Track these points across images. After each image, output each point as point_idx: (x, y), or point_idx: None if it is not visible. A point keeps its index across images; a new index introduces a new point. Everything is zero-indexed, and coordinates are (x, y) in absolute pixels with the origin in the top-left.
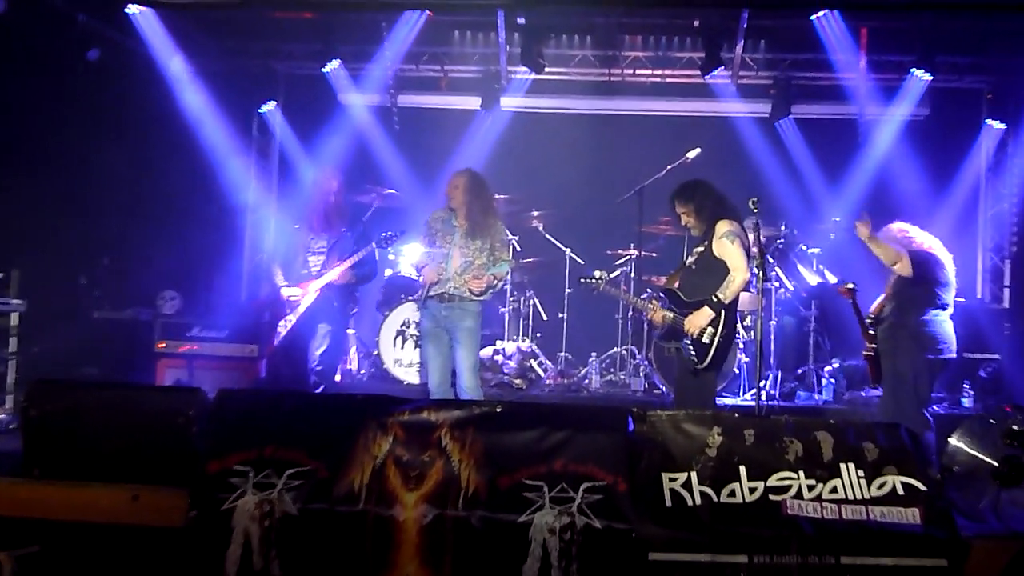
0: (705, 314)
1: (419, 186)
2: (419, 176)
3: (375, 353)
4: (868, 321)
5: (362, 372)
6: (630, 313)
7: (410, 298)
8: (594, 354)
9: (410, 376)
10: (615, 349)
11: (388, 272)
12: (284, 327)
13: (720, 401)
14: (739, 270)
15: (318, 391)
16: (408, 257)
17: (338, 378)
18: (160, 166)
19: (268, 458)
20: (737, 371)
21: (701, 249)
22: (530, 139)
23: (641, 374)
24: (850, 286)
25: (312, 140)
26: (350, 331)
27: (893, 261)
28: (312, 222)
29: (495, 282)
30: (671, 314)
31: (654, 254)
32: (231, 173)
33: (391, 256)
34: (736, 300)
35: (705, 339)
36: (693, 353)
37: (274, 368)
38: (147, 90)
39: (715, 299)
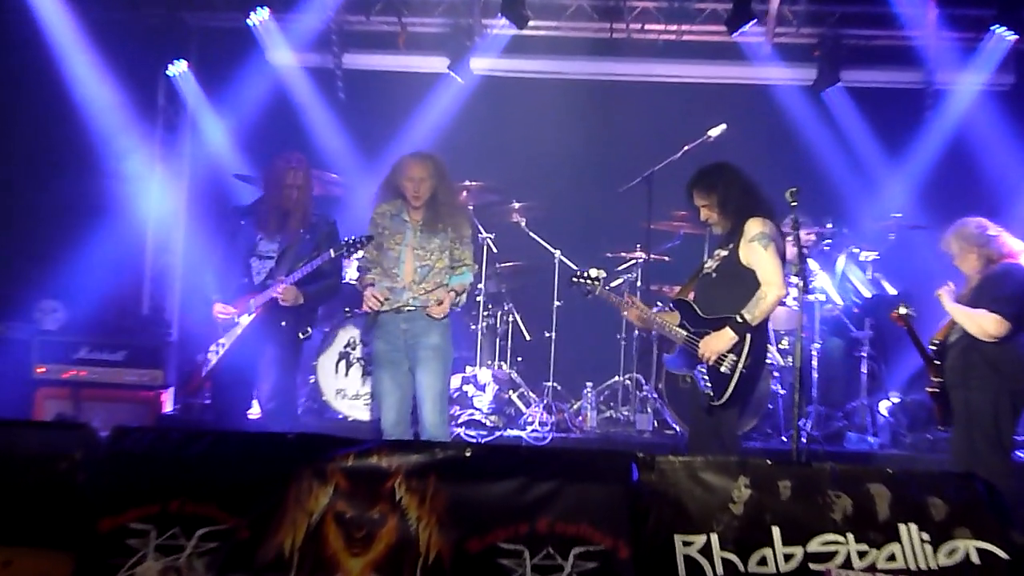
0: (725, 337)
1: (367, 170)
2: (368, 158)
3: (311, 381)
4: (932, 349)
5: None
6: (635, 332)
7: (355, 311)
8: (590, 384)
9: (356, 411)
10: (616, 378)
11: None
12: (215, 353)
13: (748, 444)
14: (772, 284)
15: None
16: (354, 261)
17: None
18: (37, 148)
19: (175, 514)
20: (771, 407)
21: (725, 253)
22: (510, 111)
23: (649, 410)
24: (903, 311)
25: (233, 110)
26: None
27: (987, 331)
28: (263, 219)
29: (457, 298)
30: (683, 332)
31: (666, 258)
32: (129, 154)
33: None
34: (767, 320)
35: (724, 368)
36: (708, 385)
37: (215, 403)
38: (17, 54)
39: (740, 319)
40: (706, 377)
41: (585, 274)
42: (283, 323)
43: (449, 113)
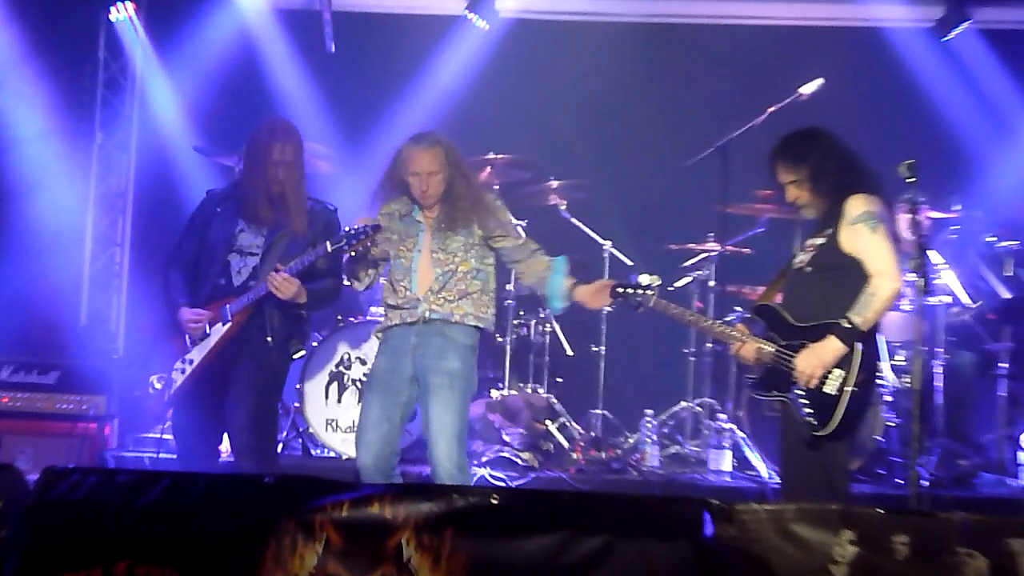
0: (829, 348)
1: (361, 140)
2: (361, 125)
3: (295, 407)
4: None
5: None
6: (707, 344)
7: (350, 319)
8: (650, 412)
9: (352, 447)
10: (684, 404)
11: None
12: (181, 372)
13: (854, 488)
14: (885, 275)
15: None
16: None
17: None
18: None
19: None
20: (882, 439)
21: (821, 241)
22: (544, 65)
23: (727, 444)
24: None
25: (191, 66)
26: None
27: None
28: (245, 206)
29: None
30: (771, 348)
31: (746, 250)
32: (62, 116)
33: None
34: (878, 326)
35: (829, 389)
36: (809, 412)
37: (177, 438)
38: None
39: (846, 324)
40: (805, 401)
41: (633, 284)
42: (268, 337)
43: (468, 68)
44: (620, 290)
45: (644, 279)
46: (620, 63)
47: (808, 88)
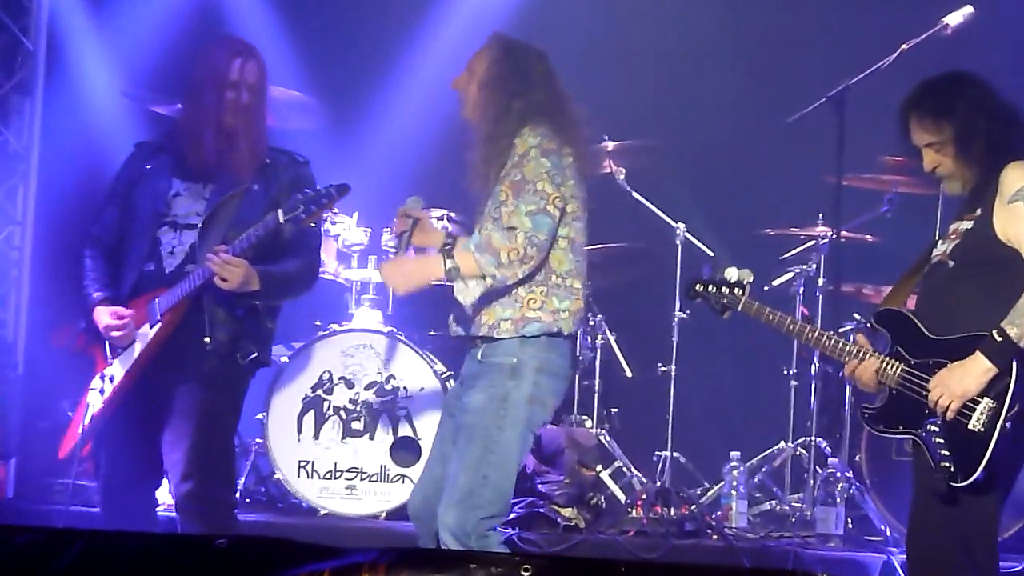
0: (974, 369)
1: (354, 92)
2: (356, 72)
3: (255, 444)
4: None
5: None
6: (814, 365)
7: (334, 326)
8: (735, 455)
9: (334, 499)
10: (782, 445)
11: None
12: (100, 394)
13: (1008, 566)
14: None
15: (185, 534)
16: (326, 240)
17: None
18: None
19: None
20: None
21: (968, 225)
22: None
23: (839, 499)
24: None
25: (120, 18)
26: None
27: None
28: (184, 157)
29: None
30: (898, 366)
31: (868, 237)
32: None
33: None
34: None
35: (974, 424)
36: (946, 453)
37: (101, 483)
38: None
39: (998, 337)
40: (941, 440)
41: (717, 282)
42: (206, 339)
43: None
44: (700, 288)
45: (732, 274)
46: None
47: (954, 18)
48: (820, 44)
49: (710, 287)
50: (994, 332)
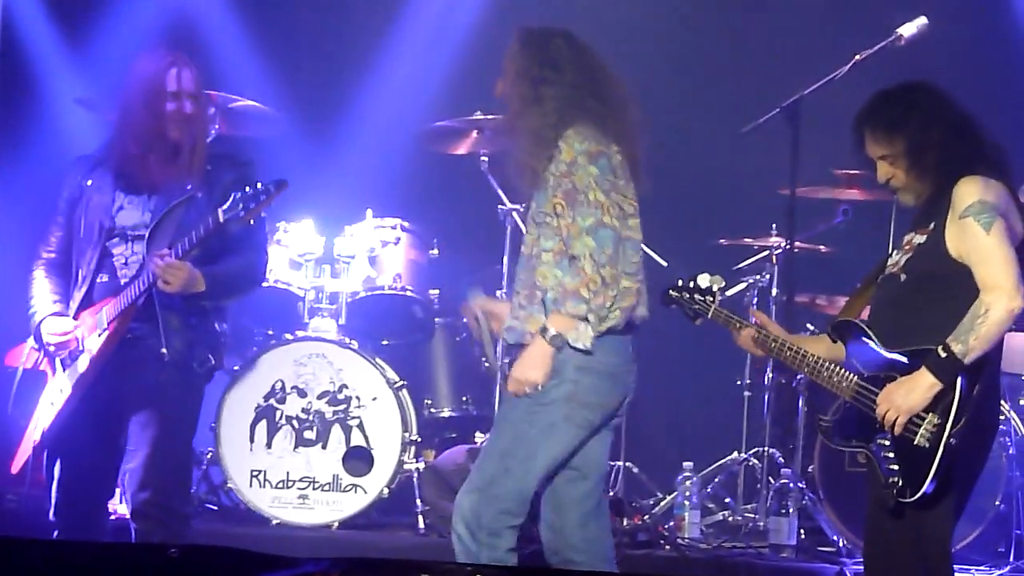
0: (919, 385)
1: (324, 102)
2: (324, 81)
3: (207, 453)
4: None
5: None
6: (767, 375)
7: (284, 335)
8: (688, 465)
9: (286, 508)
10: (735, 455)
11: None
12: (50, 405)
13: (962, 570)
14: (998, 290)
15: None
16: (279, 248)
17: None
18: None
19: None
20: (1001, 507)
21: (921, 239)
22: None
23: (792, 509)
24: None
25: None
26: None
27: None
28: (125, 169)
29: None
30: (852, 378)
31: (822, 247)
32: None
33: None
34: (997, 354)
35: (920, 440)
36: (894, 468)
37: (55, 494)
38: None
39: (943, 353)
40: (890, 455)
41: (689, 286)
42: (162, 349)
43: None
44: (674, 294)
45: (704, 280)
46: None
47: (908, 29)
48: (774, 54)
49: (684, 293)
50: (939, 348)
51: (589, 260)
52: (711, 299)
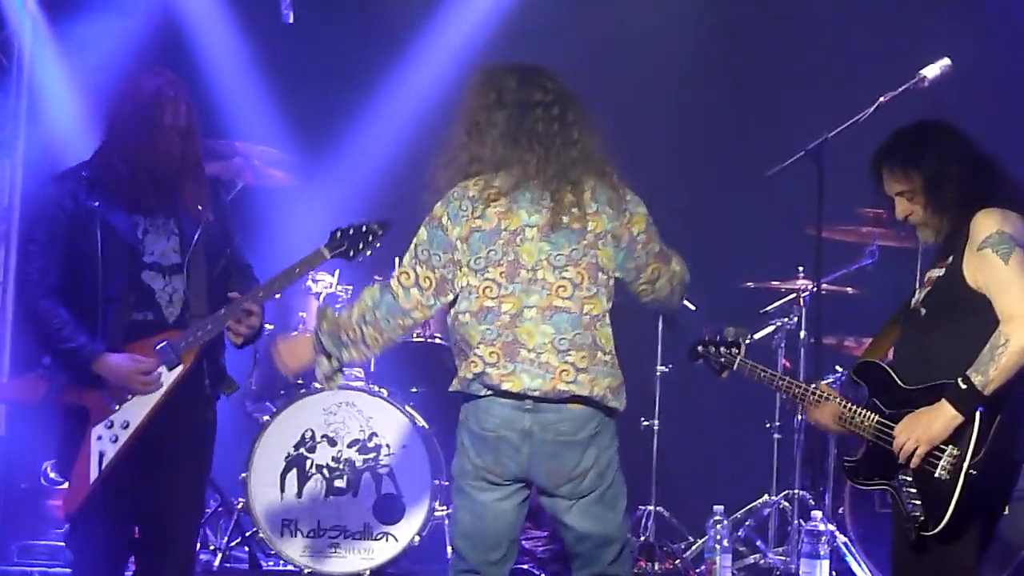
0: (937, 417)
1: (328, 144)
2: (328, 124)
3: (239, 507)
4: None
5: (212, 548)
6: (797, 417)
7: (314, 384)
8: (719, 508)
9: (320, 559)
10: (766, 497)
11: (269, 327)
12: (110, 442)
13: None
14: (1017, 319)
15: None
16: (308, 297)
17: None
18: None
19: None
20: None
21: (939, 273)
22: (566, 38)
23: (823, 551)
24: None
25: (95, 42)
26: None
27: None
28: (133, 185)
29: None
30: (873, 418)
31: (849, 289)
32: None
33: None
34: (1020, 385)
35: (940, 472)
36: (917, 503)
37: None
38: None
39: (962, 384)
40: (912, 490)
41: (717, 340)
42: (206, 381)
43: (463, 45)
44: (701, 349)
45: (730, 333)
46: (673, 32)
47: (931, 70)
48: (798, 97)
49: (711, 348)
50: (959, 380)
51: (358, 310)
52: (736, 351)
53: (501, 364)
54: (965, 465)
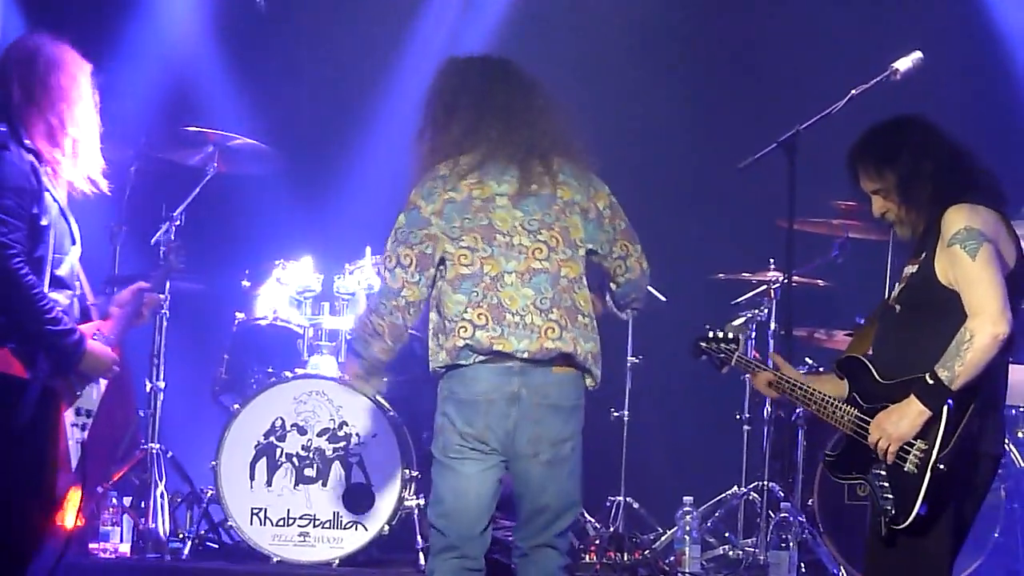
0: (907, 412)
1: (298, 137)
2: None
3: (206, 494)
4: None
5: (181, 536)
6: (767, 409)
7: (286, 373)
8: (688, 500)
9: (287, 547)
10: (735, 489)
11: (240, 316)
12: (81, 430)
13: None
14: (982, 315)
15: None
16: (278, 286)
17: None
18: None
19: None
20: (997, 537)
21: (914, 269)
22: (542, 32)
23: (792, 543)
24: None
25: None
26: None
27: None
28: (53, 165)
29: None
30: (851, 412)
31: (819, 281)
32: None
33: (246, 284)
34: (991, 381)
35: (909, 467)
36: (888, 497)
37: None
38: None
39: (930, 379)
40: (885, 484)
41: (717, 338)
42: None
43: (460, 38)
44: (704, 345)
45: (731, 330)
46: (646, 23)
47: (903, 63)
48: (771, 89)
49: (713, 344)
50: (927, 375)
51: (367, 304)
52: (735, 347)
53: (490, 327)
54: (932, 459)
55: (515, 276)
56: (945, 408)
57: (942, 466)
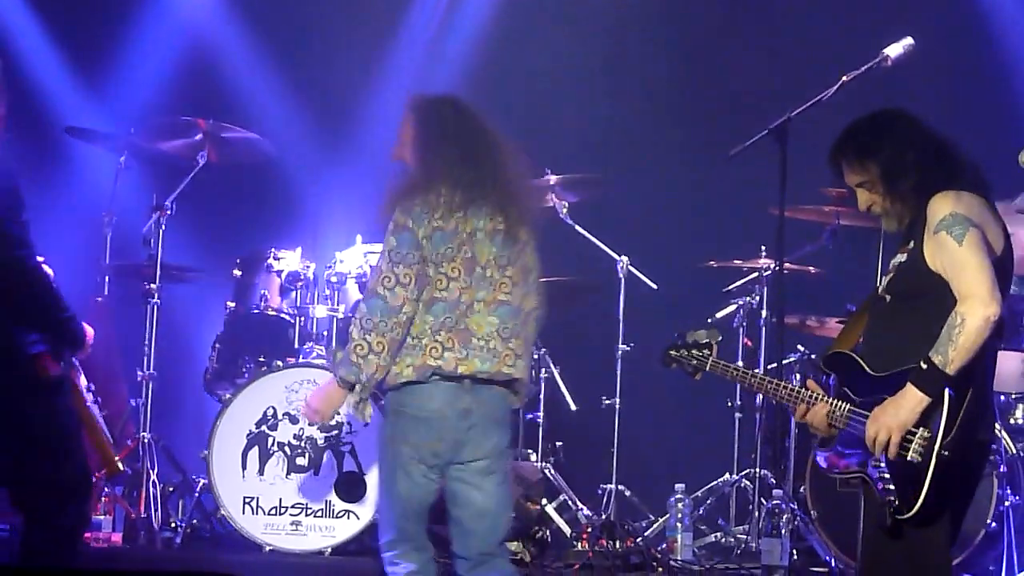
0: (906, 401)
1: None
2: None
3: (198, 483)
4: None
5: (173, 525)
6: (758, 396)
7: (277, 362)
8: (680, 487)
9: (279, 535)
10: (727, 476)
11: (231, 305)
12: (97, 406)
13: None
14: (972, 299)
15: None
16: (269, 275)
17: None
18: None
19: None
20: (992, 525)
21: (903, 259)
22: (539, 23)
23: (784, 531)
24: None
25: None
26: None
27: None
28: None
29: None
30: (845, 407)
31: (811, 268)
32: None
33: (237, 273)
34: (983, 367)
35: (912, 455)
36: (891, 488)
37: None
38: None
39: (924, 365)
40: (885, 475)
41: (689, 344)
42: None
43: (449, 29)
44: (673, 353)
45: (701, 336)
46: (635, 11)
47: (894, 49)
48: (762, 76)
49: (682, 351)
50: (920, 361)
51: (357, 326)
52: (708, 352)
53: (457, 349)
54: (936, 446)
55: (483, 304)
56: (946, 393)
57: (947, 453)
